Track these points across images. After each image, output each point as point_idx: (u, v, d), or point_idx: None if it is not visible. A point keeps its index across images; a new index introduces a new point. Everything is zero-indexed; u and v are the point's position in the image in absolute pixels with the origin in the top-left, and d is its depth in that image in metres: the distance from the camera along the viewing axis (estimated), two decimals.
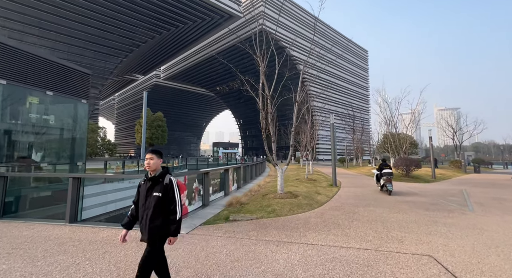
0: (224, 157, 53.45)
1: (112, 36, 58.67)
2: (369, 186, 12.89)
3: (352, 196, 9.73)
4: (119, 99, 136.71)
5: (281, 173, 8.71)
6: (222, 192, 9.58)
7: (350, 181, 15.76)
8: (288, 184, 12.21)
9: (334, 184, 12.50)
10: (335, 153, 12.55)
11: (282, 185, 8.72)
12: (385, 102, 19.28)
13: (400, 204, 8.21)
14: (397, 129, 19.04)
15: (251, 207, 7.29)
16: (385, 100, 19.64)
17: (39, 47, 54.82)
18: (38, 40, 53.65)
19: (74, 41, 57.16)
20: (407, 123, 19.36)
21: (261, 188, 11.48)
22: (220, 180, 9.67)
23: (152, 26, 59.45)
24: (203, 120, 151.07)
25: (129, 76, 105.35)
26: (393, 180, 10.74)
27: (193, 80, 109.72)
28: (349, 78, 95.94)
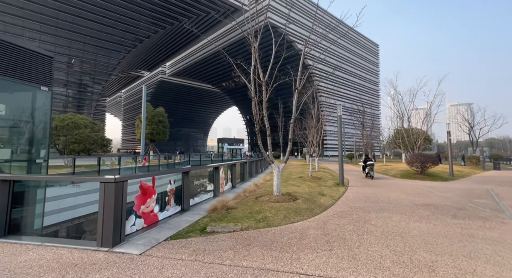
0: (229, 153, 52.44)
1: (114, 31, 58.00)
2: (381, 185, 11.51)
3: (361, 197, 8.39)
4: (126, 96, 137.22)
5: (278, 172, 7.45)
6: (211, 193, 8.38)
7: (359, 179, 14.37)
8: (289, 183, 10.92)
9: (341, 183, 11.16)
10: (342, 149, 11.20)
11: (278, 185, 7.45)
12: (398, 95, 17.66)
13: (419, 208, 6.84)
14: (410, 124, 17.44)
15: (239, 213, 6.05)
16: (398, 92, 18.03)
17: (40, 42, 54.62)
18: (39, 36, 53.38)
19: (76, 36, 56.73)
20: (423, 117, 17.67)
21: (258, 187, 10.24)
22: (209, 179, 8.46)
23: (155, 20, 58.48)
24: (210, 116, 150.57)
25: (135, 72, 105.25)
26: (406, 178, 13.99)
27: (199, 76, 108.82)
28: (358, 73, 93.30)
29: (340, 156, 11.46)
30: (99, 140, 22.50)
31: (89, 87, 65.54)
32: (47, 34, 53.99)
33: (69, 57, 59.81)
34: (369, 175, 14.33)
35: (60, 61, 59.16)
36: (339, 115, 11.29)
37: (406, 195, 9.02)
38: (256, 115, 7.27)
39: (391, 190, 10.06)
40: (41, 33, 53.74)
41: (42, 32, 53.80)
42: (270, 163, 7.53)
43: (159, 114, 40.74)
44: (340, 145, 11.34)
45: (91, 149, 22.34)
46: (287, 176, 14.58)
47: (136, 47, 65.68)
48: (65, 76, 61.55)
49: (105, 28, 56.99)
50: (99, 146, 22.77)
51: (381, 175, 17.23)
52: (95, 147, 22.39)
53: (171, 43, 73.71)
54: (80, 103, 65.75)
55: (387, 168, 21.32)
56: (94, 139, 21.81)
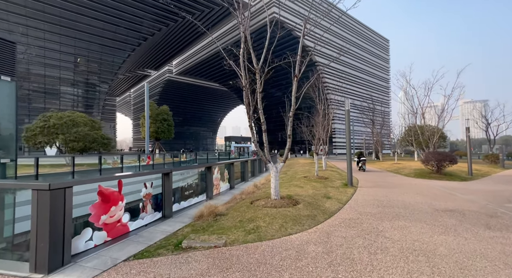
0: (236, 151, 51.69)
1: (118, 29, 57.86)
2: (393, 186, 10.44)
3: (372, 201, 7.39)
4: (135, 95, 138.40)
5: (276, 173, 6.52)
6: (203, 196, 7.53)
7: (370, 178, 13.30)
8: (292, 184, 9.97)
9: (350, 183, 10.15)
10: (350, 146, 10.18)
11: (277, 188, 6.52)
12: (412, 88, 16.32)
13: (442, 215, 5.82)
14: (425, 120, 16.12)
15: (227, 221, 5.17)
16: (412, 86, 16.68)
17: (45, 41, 54.94)
18: (43, 34, 53.62)
19: (80, 35, 56.82)
20: (439, 112, 16.30)
21: (258, 188, 9.34)
22: (201, 180, 7.62)
23: (158, 17, 58.04)
24: (218, 115, 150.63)
25: (142, 71, 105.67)
26: (421, 177, 13.62)
27: (205, 74, 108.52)
28: (368, 69, 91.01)
29: (348, 153, 10.44)
30: (99, 138, 21.97)
31: (96, 86, 65.74)
32: (51, 32, 54.22)
33: (75, 56, 60.08)
34: (362, 168, 17.25)
35: (66, 60, 59.52)
36: (347, 110, 10.27)
37: (424, 197, 7.96)
38: (248, 107, 6.36)
39: (406, 192, 9.00)
40: (45, 32, 54.00)
41: (46, 31, 54.05)
42: (266, 162, 6.60)
43: (163, 113, 40.17)
44: (348, 142, 10.32)
45: (91, 148, 21.87)
46: (292, 175, 13.63)
47: (141, 46, 65.45)
48: (72, 76, 61.86)
49: (109, 26, 56.92)
50: (99, 144, 22.25)
51: (393, 174, 16.09)
52: (95, 145, 21.92)
53: (175, 42, 73.33)
54: (88, 102, 66.05)
55: (399, 167, 20.11)
56: (93, 137, 21.30)
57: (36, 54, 55.78)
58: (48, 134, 20.58)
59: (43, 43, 56.07)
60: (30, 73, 57.55)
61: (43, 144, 20.74)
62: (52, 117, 21.10)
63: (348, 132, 10.12)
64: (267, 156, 6.64)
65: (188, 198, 6.65)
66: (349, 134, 10.13)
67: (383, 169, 20.49)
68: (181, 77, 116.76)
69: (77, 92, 64.27)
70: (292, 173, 14.59)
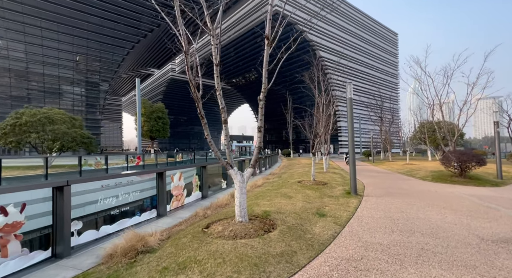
0: (238, 151, 49.71)
1: (116, 25, 56.43)
2: (410, 194, 8.28)
3: (383, 220, 5.28)
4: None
5: (242, 183, 4.47)
6: (151, 213, 5.55)
7: (379, 183, 11.13)
8: (279, 192, 7.89)
9: (353, 191, 8.03)
10: (353, 142, 8.03)
11: (243, 206, 4.47)
12: (428, 77, 13.81)
13: (496, 250, 3.70)
14: (443, 114, 13.69)
15: (145, 270, 3.16)
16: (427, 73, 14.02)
17: (43, 39, 53.85)
18: (40, 32, 52.50)
19: (78, 32, 55.59)
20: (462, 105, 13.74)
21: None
22: (146, 192, 5.64)
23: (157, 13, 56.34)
24: None
25: (145, 70, 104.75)
26: (440, 181, 11.62)
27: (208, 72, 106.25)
28: (376, 64, 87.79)
29: (351, 152, 8.29)
30: (78, 137, 20.12)
31: (96, 85, 64.57)
32: (49, 30, 53.08)
33: (73, 54, 58.99)
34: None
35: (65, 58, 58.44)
36: (349, 98, 8.15)
37: (456, 214, 5.81)
38: (192, 85, 4.34)
39: (428, 204, 6.84)
40: (42, 29, 52.89)
41: (43, 28, 52.93)
42: (227, 168, 4.57)
43: (158, 110, 38.24)
44: (350, 136, 8.16)
45: (70, 148, 20.09)
46: (285, 179, 11.55)
47: (140, 43, 63.98)
48: (71, 74, 60.82)
49: (107, 22, 55.57)
50: (79, 143, 20.44)
51: (405, 177, 13.85)
52: (73, 145, 20.09)
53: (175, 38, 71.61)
54: (88, 101, 64.97)
55: (412, 168, 17.81)
56: (72, 135, 19.48)
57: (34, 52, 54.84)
58: (20, 133, 18.78)
59: (41, 41, 55.08)
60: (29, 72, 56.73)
61: (14, 144, 19.01)
62: (24, 114, 19.28)
63: (350, 124, 8.00)
64: (229, 158, 4.60)
65: (119, 219, 4.68)
66: (351, 128, 8.00)
67: (394, 170, 18.23)
68: (184, 76, 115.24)
69: (77, 91, 63.17)
70: (287, 176, 12.50)
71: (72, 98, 63.08)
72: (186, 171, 7.03)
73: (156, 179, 5.72)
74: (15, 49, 54.14)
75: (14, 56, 54.47)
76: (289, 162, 27.15)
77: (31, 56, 55.47)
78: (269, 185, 9.70)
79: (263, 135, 19.95)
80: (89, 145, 21.63)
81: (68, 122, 20.41)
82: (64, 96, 61.89)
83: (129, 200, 4.97)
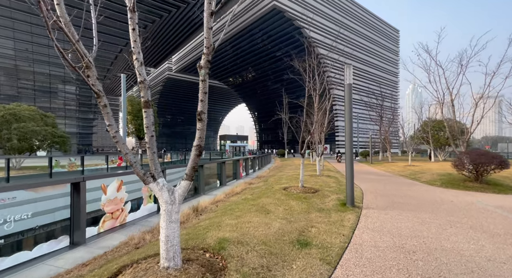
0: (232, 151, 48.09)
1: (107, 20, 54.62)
2: (422, 206, 6.60)
3: (394, 253, 3.61)
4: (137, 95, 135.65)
5: (170, 205, 2.79)
6: (61, 240, 3.87)
7: (380, 189, 9.46)
8: (256, 204, 6.18)
9: (350, 201, 6.32)
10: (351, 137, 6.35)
11: (172, 242, 2.72)
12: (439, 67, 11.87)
13: None
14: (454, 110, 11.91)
15: None
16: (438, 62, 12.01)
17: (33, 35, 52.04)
18: (30, 28, 50.73)
19: None
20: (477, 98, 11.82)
21: (199, 212, 5.67)
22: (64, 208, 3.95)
23: (150, 7, 54.64)
24: (219, 114, 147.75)
25: None
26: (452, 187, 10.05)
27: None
28: (376, 62, 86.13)
29: (349, 151, 6.59)
30: (48, 135, 18.19)
31: None
32: (38, 26, 51.30)
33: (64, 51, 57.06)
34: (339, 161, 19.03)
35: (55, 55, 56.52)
36: (348, 84, 6.49)
37: (494, 241, 4.13)
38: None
39: (449, 221, 5.16)
40: (32, 25, 51.12)
41: (33, 24, 51.17)
42: (146, 181, 2.88)
43: None
44: (348, 132, 6.47)
45: (39, 147, 18.25)
46: (271, 184, 9.86)
47: None
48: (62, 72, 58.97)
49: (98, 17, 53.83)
50: (50, 143, 18.56)
51: (410, 181, 12.19)
52: (42, 144, 18.26)
53: (171, 36, 70.05)
54: (80, 100, 63.20)
55: (415, 170, 16.16)
56: (42, 134, 17.61)
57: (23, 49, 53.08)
58: None
59: (31, 37, 53.27)
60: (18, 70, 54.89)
61: None
62: None
63: (348, 116, 6.30)
64: (152, 164, 2.89)
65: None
66: (350, 121, 6.32)
67: (395, 172, 16.59)
68: (181, 75, 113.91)
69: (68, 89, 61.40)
70: (273, 181, 10.80)
71: (63, 97, 61.27)
72: (131, 179, 5.34)
73: (70, 193, 4.03)
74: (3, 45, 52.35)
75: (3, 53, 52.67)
76: (282, 162, 25.46)
77: (20, 53, 53.70)
78: (248, 193, 8.04)
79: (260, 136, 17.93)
80: (62, 145, 19.69)
81: (38, 120, 18.53)
82: (55, 95, 60.09)
83: (11, 230, 3.28)
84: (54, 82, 59.33)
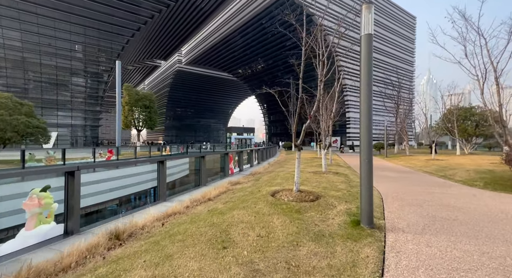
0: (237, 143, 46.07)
1: (114, 11, 53.08)
2: (485, 227, 4.25)
3: None
4: (148, 88, 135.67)
5: None
6: None
7: (404, 191, 7.09)
8: (220, 224, 4.03)
9: (367, 221, 4.04)
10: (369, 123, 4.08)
11: None
12: (481, 37, 8.99)
13: None
14: (500, 87, 9.23)
15: None
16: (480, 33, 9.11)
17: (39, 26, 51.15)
18: (36, 19, 49.78)
19: (75, 19, 52.67)
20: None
21: (123, 239, 3.55)
22: None
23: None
24: (229, 106, 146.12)
25: (151, 62, 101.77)
26: (505, 190, 7.55)
27: (214, 63, 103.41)
28: (391, 51, 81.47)
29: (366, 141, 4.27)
30: (20, 125, 16.45)
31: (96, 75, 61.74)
32: (44, 17, 50.34)
33: (71, 42, 56.17)
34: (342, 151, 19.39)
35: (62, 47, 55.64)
36: (367, 35, 4.15)
37: None
38: None
39: None
40: (38, 16, 50.15)
41: (39, 15, 50.19)
42: None
43: (145, 98, 34.24)
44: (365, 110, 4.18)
45: (8, 139, 16.58)
46: (261, 185, 7.66)
47: (141, 30, 60.49)
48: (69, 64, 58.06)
49: (105, 8, 52.39)
50: (22, 134, 16.89)
51: (439, 180, 9.71)
52: (15, 135, 16.61)
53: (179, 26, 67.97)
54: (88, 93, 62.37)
55: (442, 165, 13.56)
56: (13, 124, 15.95)
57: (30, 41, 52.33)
58: None
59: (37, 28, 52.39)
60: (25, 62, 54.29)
61: None
62: None
63: (366, 82, 4.02)
64: None
65: None
66: (368, 91, 4.03)
67: (416, 167, 14.06)
68: (191, 67, 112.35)
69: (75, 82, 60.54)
70: (266, 180, 8.55)
71: (70, 90, 60.54)
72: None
73: None
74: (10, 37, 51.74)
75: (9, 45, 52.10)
76: (287, 156, 23.18)
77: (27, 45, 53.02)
78: (224, 199, 5.91)
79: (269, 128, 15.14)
80: (37, 137, 18.00)
81: (12, 109, 16.89)
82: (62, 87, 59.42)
83: None
84: (61, 74, 58.57)
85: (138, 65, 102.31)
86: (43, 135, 18.47)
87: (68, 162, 16.68)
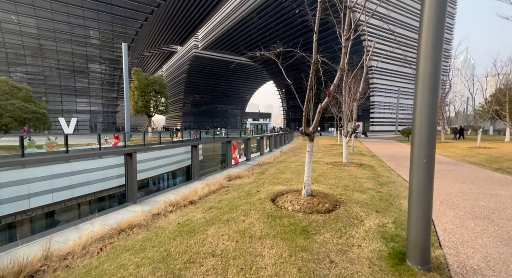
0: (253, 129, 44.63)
1: None
2: None
3: None
4: (166, 74, 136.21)
5: None
6: None
7: (456, 192, 5.27)
8: (185, 249, 2.58)
9: (419, 261, 2.45)
10: (437, 86, 2.50)
11: None
12: None
13: None
14: None
15: None
16: None
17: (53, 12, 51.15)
18: (49, 4, 49.68)
19: (88, 3, 52.15)
20: None
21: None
22: None
23: None
24: (247, 92, 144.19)
25: (167, 48, 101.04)
26: None
27: (231, 47, 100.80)
28: None
29: (427, 124, 2.55)
30: (17, 110, 15.69)
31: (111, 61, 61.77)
32: (58, 2, 50.20)
33: (85, 28, 56.02)
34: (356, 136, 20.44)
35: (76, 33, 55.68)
36: None
37: None
38: None
39: None
40: (52, 1, 50.09)
41: (53, 1, 50.13)
42: None
43: (154, 83, 33.11)
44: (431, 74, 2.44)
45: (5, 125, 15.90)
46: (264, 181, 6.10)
47: (154, 14, 59.22)
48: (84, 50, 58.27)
49: None
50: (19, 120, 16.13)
51: (495, 175, 7.67)
52: (11, 121, 15.98)
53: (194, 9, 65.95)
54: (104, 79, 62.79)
55: (494, 156, 11.30)
56: (9, 109, 15.19)
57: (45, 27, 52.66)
58: None
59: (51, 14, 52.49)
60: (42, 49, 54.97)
61: None
62: None
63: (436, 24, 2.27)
64: None
65: None
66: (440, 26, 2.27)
67: (459, 157, 11.88)
68: (208, 52, 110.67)
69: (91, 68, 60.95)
70: (271, 174, 6.94)
71: (87, 76, 61.11)
72: None
73: None
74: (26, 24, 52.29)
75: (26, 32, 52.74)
76: (303, 142, 21.39)
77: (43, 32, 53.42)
78: (213, 201, 4.44)
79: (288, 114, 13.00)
80: (36, 122, 17.30)
81: (8, 93, 16.21)
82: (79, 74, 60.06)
83: None
84: (77, 61, 59.04)
85: (154, 52, 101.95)
86: (41, 121, 17.62)
87: (72, 148, 16.00)
